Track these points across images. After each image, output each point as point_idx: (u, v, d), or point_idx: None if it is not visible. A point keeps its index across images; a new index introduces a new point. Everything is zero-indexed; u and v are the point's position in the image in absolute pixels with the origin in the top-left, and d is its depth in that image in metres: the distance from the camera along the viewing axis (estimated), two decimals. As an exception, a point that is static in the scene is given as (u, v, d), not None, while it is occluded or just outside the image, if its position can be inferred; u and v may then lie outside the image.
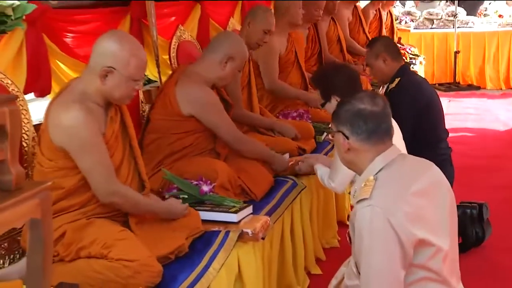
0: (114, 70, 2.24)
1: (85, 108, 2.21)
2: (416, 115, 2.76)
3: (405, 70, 3.60)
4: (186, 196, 2.72)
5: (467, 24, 9.27)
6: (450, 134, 3.76)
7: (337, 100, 2.73)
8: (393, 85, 3.52)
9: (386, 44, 3.61)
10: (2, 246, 2.33)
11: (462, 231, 3.63)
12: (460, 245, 3.66)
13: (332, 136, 2.16)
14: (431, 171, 2.08)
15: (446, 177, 2.10)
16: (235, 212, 2.61)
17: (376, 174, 1.95)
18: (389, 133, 2.02)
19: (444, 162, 3.32)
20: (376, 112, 2.00)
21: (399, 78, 3.50)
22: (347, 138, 2.00)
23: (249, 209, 2.73)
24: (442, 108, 3.71)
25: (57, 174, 2.23)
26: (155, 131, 2.97)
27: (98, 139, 2.24)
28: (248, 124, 3.76)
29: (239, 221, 2.59)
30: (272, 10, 4.16)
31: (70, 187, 2.25)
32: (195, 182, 2.77)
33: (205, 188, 2.74)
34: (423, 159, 2.16)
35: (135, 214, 2.38)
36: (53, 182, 2.19)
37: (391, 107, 2.81)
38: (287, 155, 3.49)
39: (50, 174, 2.23)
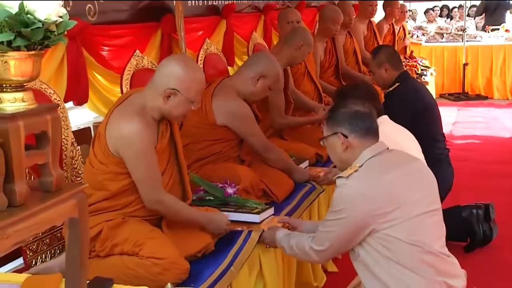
0: (177, 93, 2.25)
1: (144, 121, 2.22)
2: (410, 118, 2.74)
3: (404, 77, 3.62)
4: (211, 198, 2.72)
5: (475, 38, 9.21)
6: (460, 141, 3.73)
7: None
8: (391, 89, 3.58)
9: (388, 55, 3.65)
10: (44, 242, 2.36)
11: (470, 230, 3.60)
12: (467, 244, 3.64)
13: (324, 143, 2.18)
14: (414, 163, 2.15)
15: (443, 175, 2.12)
16: (258, 213, 2.60)
17: (362, 163, 2.02)
18: (377, 130, 2.13)
19: (440, 161, 3.33)
20: (368, 112, 2.13)
21: (398, 84, 3.55)
22: (346, 137, 2.07)
23: (271, 211, 2.72)
24: (439, 114, 3.66)
25: (105, 176, 2.25)
26: (187, 136, 2.94)
27: (152, 151, 2.25)
28: (290, 128, 3.86)
29: (261, 222, 2.58)
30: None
31: (114, 191, 2.26)
32: (220, 185, 2.77)
33: (230, 190, 2.73)
34: (411, 154, 2.19)
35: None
36: (99, 184, 2.24)
37: (388, 109, 2.80)
38: (306, 163, 3.48)
39: (98, 176, 2.25)
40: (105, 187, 2.25)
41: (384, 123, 2.59)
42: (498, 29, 9.47)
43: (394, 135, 2.33)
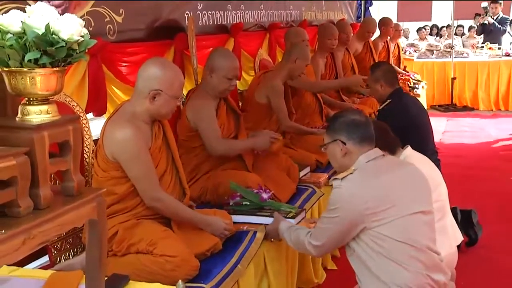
0: (161, 92, 2.26)
1: (135, 126, 2.22)
2: (400, 134, 2.74)
3: (396, 94, 3.58)
4: (248, 203, 2.71)
5: (462, 55, 9.21)
6: (449, 149, 3.69)
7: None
8: (384, 105, 3.57)
9: (384, 72, 3.62)
10: (67, 241, 2.37)
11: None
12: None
13: (325, 149, 2.19)
14: (407, 167, 2.16)
15: None
16: (293, 217, 2.59)
17: (358, 167, 2.04)
18: (373, 138, 2.13)
19: None
20: (364, 121, 2.14)
21: (390, 100, 3.54)
22: (345, 143, 2.09)
23: (303, 214, 2.73)
24: (429, 130, 3.62)
25: (109, 182, 2.24)
26: (180, 147, 2.88)
27: (145, 152, 2.25)
28: (296, 133, 3.89)
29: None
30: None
31: (121, 193, 2.26)
32: (256, 190, 2.76)
33: (265, 195, 2.73)
34: (406, 161, 2.17)
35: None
36: (107, 189, 2.23)
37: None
38: (308, 168, 3.51)
39: (103, 183, 2.25)
40: (112, 191, 2.24)
41: (411, 156, 2.58)
42: (482, 47, 9.50)
43: (421, 167, 2.30)
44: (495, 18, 9.37)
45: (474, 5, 9.91)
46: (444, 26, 11.75)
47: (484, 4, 9.48)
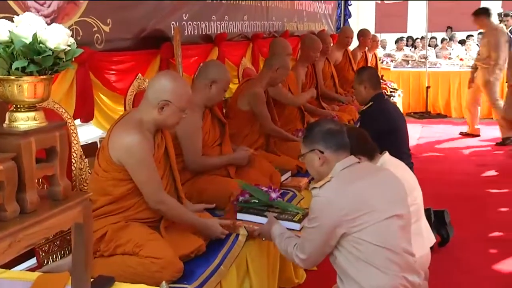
0: (170, 103, 2.27)
1: (141, 133, 2.23)
2: (379, 134, 2.77)
3: (378, 97, 3.63)
4: (256, 201, 2.66)
5: (436, 65, 9.34)
6: (423, 154, 3.74)
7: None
8: (366, 107, 3.61)
9: (369, 76, 3.68)
10: (55, 243, 2.34)
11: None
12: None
13: (303, 159, 2.17)
14: (382, 173, 2.16)
15: None
16: (299, 221, 2.51)
17: (334, 175, 2.04)
18: (348, 145, 2.12)
19: None
20: (339, 129, 2.13)
21: (372, 103, 3.58)
22: (322, 152, 2.08)
23: None
24: (405, 134, 3.66)
25: (108, 183, 2.24)
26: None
27: (151, 157, 2.26)
28: (278, 137, 3.87)
29: (300, 230, 2.46)
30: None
31: (117, 195, 2.25)
32: (265, 189, 2.72)
33: (274, 195, 2.68)
34: (381, 166, 2.17)
35: (165, 220, 2.36)
36: (104, 189, 2.23)
37: (362, 126, 2.79)
38: (289, 173, 3.51)
39: (103, 183, 2.24)
40: (109, 192, 2.24)
41: (388, 162, 2.58)
42: (452, 58, 9.68)
43: (397, 171, 2.31)
44: (508, 30, 9.45)
45: (446, 18, 10.06)
46: (418, 38, 11.90)
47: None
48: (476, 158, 6.22)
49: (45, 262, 2.28)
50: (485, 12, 6.83)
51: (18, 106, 1.33)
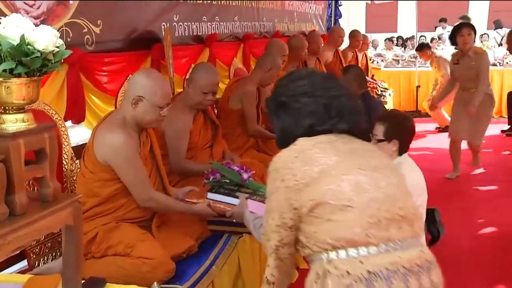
0: (143, 99, 2.24)
1: (125, 132, 2.22)
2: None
3: (364, 96, 3.67)
4: (227, 181, 2.60)
5: (425, 64, 9.36)
6: (413, 153, 3.74)
7: (396, 146, 2.79)
8: None
9: (355, 75, 3.75)
10: (46, 245, 2.33)
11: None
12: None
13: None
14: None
15: None
16: None
17: None
18: None
19: None
20: None
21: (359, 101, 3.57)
22: None
23: None
24: None
25: (95, 184, 2.23)
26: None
27: (137, 156, 2.25)
28: (261, 138, 3.86)
29: None
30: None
31: (105, 196, 2.24)
32: (237, 169, 2.65)
33: (245, 175, 2.62)
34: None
35: (157, 220, 2.36)
36: (91, 191, 2.21)
37: None
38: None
39: (90, 184, 2.23)
40: (97, 193, 2.23)
41: (404, 163, 2.64)
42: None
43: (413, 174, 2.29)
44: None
45: (435, 18, 10.11)
46: (408, 38, 11.95)
47: None
48: (465, 156, 6.24)
49: (36, 264, 2.26)
50: (426, 45, 7.54)
51: (7, 108, 1.32)
